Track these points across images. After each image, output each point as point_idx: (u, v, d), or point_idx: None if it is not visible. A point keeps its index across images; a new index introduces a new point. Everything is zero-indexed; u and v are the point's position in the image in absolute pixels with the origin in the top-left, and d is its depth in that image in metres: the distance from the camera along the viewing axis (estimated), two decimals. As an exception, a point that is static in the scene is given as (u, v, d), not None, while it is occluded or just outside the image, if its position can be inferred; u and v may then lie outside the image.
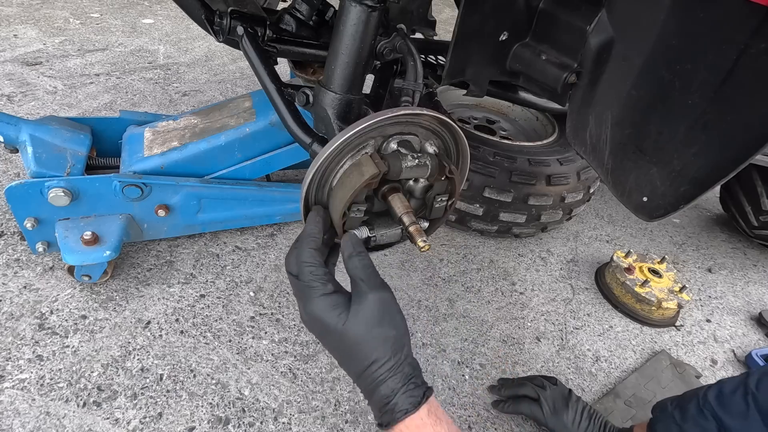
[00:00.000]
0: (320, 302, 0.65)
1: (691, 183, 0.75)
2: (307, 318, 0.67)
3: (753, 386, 0.83)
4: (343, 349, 0.66)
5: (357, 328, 0.64)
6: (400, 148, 0.78)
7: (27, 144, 1.11)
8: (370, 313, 0.65)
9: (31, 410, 0.93)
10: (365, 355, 0.64)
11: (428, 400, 0.65)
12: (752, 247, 1.97)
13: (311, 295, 0.66)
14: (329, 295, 0.66)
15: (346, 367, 0.68)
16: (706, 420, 0.86)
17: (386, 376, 0.64)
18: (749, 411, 0.81)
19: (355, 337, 0.64)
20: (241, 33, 1.04)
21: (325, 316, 0.65)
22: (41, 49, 2.30)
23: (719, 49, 0.65)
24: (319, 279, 0.67)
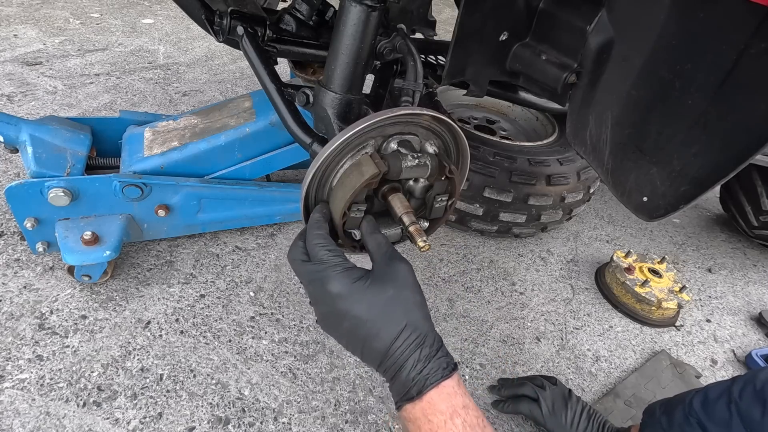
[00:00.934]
0: (344, 275, 0.63)
1: (691, 183, 0.75)
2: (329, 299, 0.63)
3: (736, 395, 0.82)
4: (372, 320, 0.62)
5: (385, 292, 0.63)
6: (400, 148, 0.78)
7: (27, 144, 1.11)
8: (396, 278, 0.64)
9: (31, 410, 0.93)
10: (397, 320, 0.62)
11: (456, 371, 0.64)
12: (752, 247, 1.97)
13: (332, 272, 0.63)
14: (351, 269, 0.64)
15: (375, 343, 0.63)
16: (691, 427, 0.86)
17: (419, 342, 0.62)
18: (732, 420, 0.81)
19: (384, 302, 0.62)
20: (241, 33, 1.04)
21: (351, 287, 0.62)
22: (41, 49, 2.30)
23: (719, 49, 0.65)
24: (336, 255, 0.65)
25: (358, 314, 0.62)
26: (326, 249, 0.66)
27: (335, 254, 0.66)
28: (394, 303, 0.63)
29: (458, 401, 0.61)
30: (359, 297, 0.62)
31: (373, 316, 0.62)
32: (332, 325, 0.66)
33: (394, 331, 0.62)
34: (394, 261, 0.66)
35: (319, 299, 0.65)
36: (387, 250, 0.68)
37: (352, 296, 0.62)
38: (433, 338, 0.64)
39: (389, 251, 0.68)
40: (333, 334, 0.68)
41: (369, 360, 0.65)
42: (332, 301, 0.63)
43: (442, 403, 0.60)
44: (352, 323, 0.63)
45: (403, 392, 0.62)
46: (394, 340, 0.62)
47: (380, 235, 0.71)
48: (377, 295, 0.62)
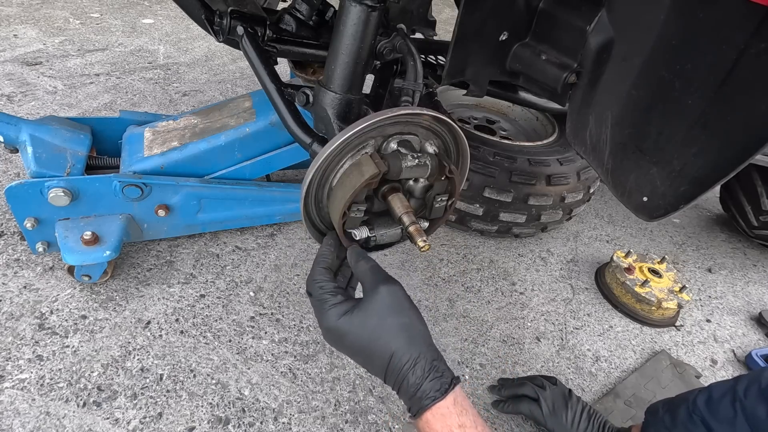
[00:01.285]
0: (331, 312, 0.68)
1: (691, 183, 0.75)
2: (324, 332, 0.70)
3: (741, 393, 0.82)
4: (362, 349, 0.67)
5: (369, 323, 0.66)
6: (400, 148, 0.78)
7: (27, 144, 1.11)
8: (379, 306, 0.67)
9: (31, 410, 0.93)
10: (384, 349, 0.65)
11: (454, 389, 0.66)
12: (752, 247, 1.97)
13: (323, 309, 0.68)
14: (339, 304, 0.68)
15: (371, 369, 0.69)
16: (695, 425, 0.86)
17: (409, 366, 0.65)
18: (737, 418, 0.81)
19: (369, 333, 0.66)
20: (241, 33, 1.04)
21: (337, 323, 0.67)
22: (41, 49, 2.30)
23: (719, 49, 0.65)
24: (328, 292, 0.70)
25: (349, 345, 0.68)
26: (319, 285, 0.71)
27: (326, 290, 0.70)
28: (378, 332, 0.66)
29: (453, 421, 0.63)
30: (346, 330, 0.67)
31: (362, 346, 0.67)
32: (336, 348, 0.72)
33: (384, 359, 0.66)
34: (377, 288, 0.68)
35: (320, 327, 0.71)
36: (372, 277, 0.70)
37: (339, 330, 0.67)
38: (425, 358, 0.66)
39: (374, 278, 0.70)
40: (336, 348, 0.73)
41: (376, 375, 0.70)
42: (326, 332, 0.69)
43: (436, 424, 0.63)
44: (349, 351, 0.69)
45: (408, 410, 0.67)
46: (385, 367, 0.66)
47: (364, 261, 0.73)
48: (362, 327, 0.66)
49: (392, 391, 0.67)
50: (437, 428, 0.63)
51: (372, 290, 0.68)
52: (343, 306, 0.68)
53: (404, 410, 1.07)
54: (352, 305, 0.68)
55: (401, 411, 1.07)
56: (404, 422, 1.04)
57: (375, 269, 0.71)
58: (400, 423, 1.04)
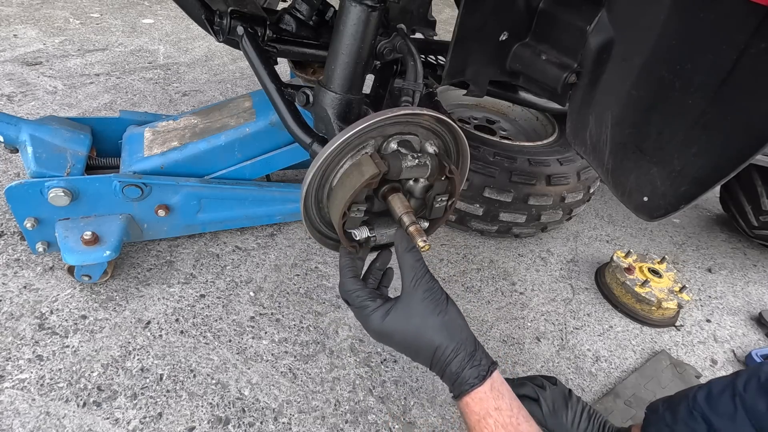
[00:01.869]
0: (375, 316, 0.73)
1: (691, 183, 0.75)
2: (372, 334, 0.76)
3: (741, 387, 0.82)
4: (410, 345, 0.73)
5: (413, 321, 0.72)
6: (400, 148, 0.78)
7: (27, 144, 1.11)
8: (421, 305, 0.73)
9: (31, 410, 0.93)
10: (429, 344, 0.72)
11: (492, 375, 0.72)
12: (752, 247, 1.97)
13: (366, 314, 0.74)
14: (380, 308, 0.74)
15: (419, 360, 0.75)
16: (695, 422, 0.86)
17: (452, 356, 0.72)
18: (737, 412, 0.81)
19: (414, 330, 0.72)
20: (241, 33, 1.04)
21: (383, 325, 0.73)
22: (41, 49, 2.30)
23: (719, 49, 0.65)
24: (366, 299, 0.75)
25: (398, 342, 0.74)
26: (355, 294, 0.76)
27: (364, 298, 0.76)
28: (422, 330, 0.72)
29: (490, 404, 0.70)
30: (392, 330, 0.73)
31: (408, 343, 0.73)
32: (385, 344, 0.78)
33: (429, 351, 0.73)
34: (418, 286, 0.74)
35: (367, 331, 0.77)
36: (413, 273, 0.75)
37: (387, 331, 0.73)
38: (465, 350, 0.73)
39: (415, 275, 0.74)
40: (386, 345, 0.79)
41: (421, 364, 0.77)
42: (375, 334, 0.76)
43: (475, 406, 0.71)
44: (397, 346, 0.76)
45: (451, 391, 0.74)
46: (431, 357, 0.73)
47: (412, 255, 0.76)
48: (407, 327, 0.73)
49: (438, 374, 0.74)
50: (476, 410, 0.70)
51: (412, 288, 0.73)
52: (384, 308, 0.74)
53: (404, 410, 1.07)
54: (392, 305, 0.74)
55: (401, 411, 1.07)
56: (404, 422, 1.04)
57: (418, 265, 0.75)
58: (400, 423, 1.04)
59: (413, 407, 1.08)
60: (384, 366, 1.15)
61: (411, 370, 1.15)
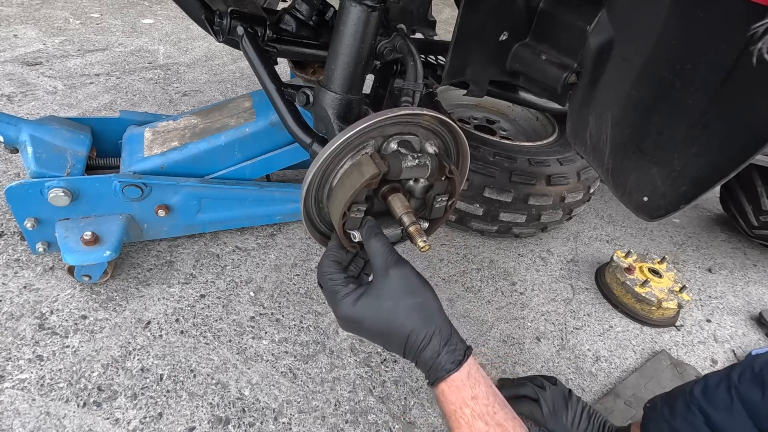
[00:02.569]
0: (345, 301, 0.70)
1: (691, 183, 0.75)
2: (341, 321, 0.72)
3: (736, 379, 0.83)
4: (380, 331, 0.70)
5: (383, 306, 0.69)
6: (401, 148, 0.78)
7: (27, 144, 1.11)
8: (391, 289, 0.69)
9: (32, 410, 0.93)
10: (401, 328, 0.69)
11: (468, 360, 0.69)
12: (752, 247, 1.97)
13: (337, 299, 0.71)
14: (351, 293, 0.70)
15: (391, 347, 0.72)
16: (693, 415, 0.86)
17: (426, 342, 0.68)
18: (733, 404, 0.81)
19: (385, 316, 0.69)
20: (241, 33, 1.04)
21: (353, 310, 0.69)
22: (41, 49, 2.30)
23: (719, 49, 0.65)
24: (339, 283, 0.72)
25: (368, 330, 0.70)
26: (329, 277, 0.73)
27: (336, 282, 0.72)
28: (393, 314, 0.69)
29: (467, 393, 0.67)
30: (363, 315, 0.69)
31: (380, 330, 0.70)
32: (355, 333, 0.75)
33: (401, 337, 0.69)
34: (389, 270, 0.70)
35: (336, 317, 0.73)
36: (383, 258, 0.72)
37: (357, 316, 0.69)
38: (440, 333, 0.69)
39: (385, 259, 0.72)
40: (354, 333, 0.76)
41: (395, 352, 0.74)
42: (344, 321, 0.72)
43: (452, 395, 0.68)
44: (367, 335, 0.72)
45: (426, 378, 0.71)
46: (403, 344, 0.69)
47: (377, 240, 0.74)
48: (378, 310, 0.69)
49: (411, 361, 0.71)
50: (452, 399, 0.67)
51: (383, 273, 0.70)
52: (355, 293, 0.70)
53: (404, 410, 1.07)
54: (363, 291, 0.70)
55: (401, 411, 1.07)
56: (404, 422, 1.04)
57: (386, 250, 0.72)
58: (400, 423, 1.04)
59: (413, 407, 1.08)
60: (384, 366, 1.15)
61: (411, 370, 1.15)
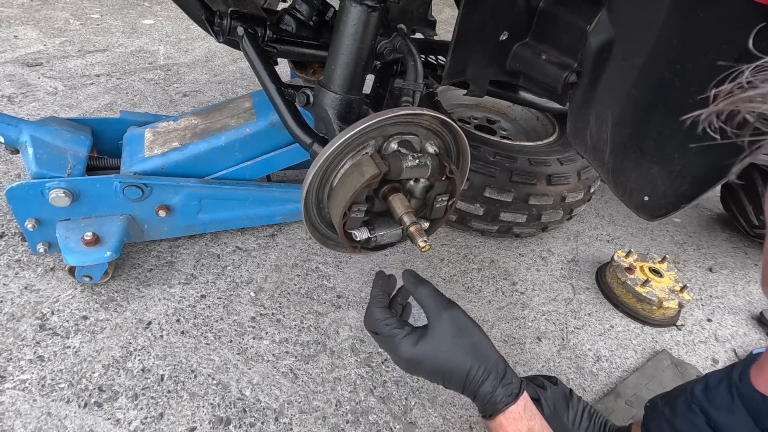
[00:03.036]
0: (404, 343, 0.73)
1: (692, 182, 0.75)
2: (402, 363, 0.75)
3: (736, 378, 0.83)
4: (441, 371, 0.73)
5: (442, 347, 0.73)
6: (401, 148, 0.78)
7: (28, 145, 1.11)
8: (447, 331, 0.74)
9: (33, 411, 0.93)
10: (461, 366, 0.72)
11: (523, 394, 0.73)
12: (753, 247, 1.96)
13: (395, 342, 0.74)
14: (409, 336, 0.74)
15: (450, 385, 0.75)
16: (694, 414, 0.86)
17: (484, 377, 0.72)
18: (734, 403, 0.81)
19: (444, 356, 0.73)
20: (241, 33, 1.04)
21: (413, 352, 0.73)
22: (42, 50, 2.31)
23: (719, 49, 0.65)
24: (395, 327, 0.75)
25: (429, 369, 0.74)
26: (384, 323, 0.76)
27: (393, 325, 0.76)
28: (452, 353, 0.73)
29: (523, 425, 0.71)
30: (423, 357, 0.73)
31: (440, 368, 0.73)
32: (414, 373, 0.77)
33: (461, 374, 0.73)
34: (443, 312, 0.75)
35: (395, 360, 0.76)
36: (435, 303, 0.76)
37: (417, 357, 0.73)
38: (496, 369, 0.74)
39: (437, 303, 0.76)
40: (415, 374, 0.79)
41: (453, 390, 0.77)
42: (405, 363, 0.75)
43: (509, 426, 0.71)
44: (427, 374, 0.75)
45: (481, 412, 0.74)
46: (463, 380, 0.73)
47: (424, 287, 0.78)
48: (437, 351, 0.73)
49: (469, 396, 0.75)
50: (509, 430, 0.71)
51: (437, 316, 0.74)
52: (413, 336, 0.74)
53: (405, 411, 1.07)
54: (420, 334, 0.74)
55: (402, 411, 1.07)
56: (405, 423, 1.04)
57: (435, 294, 0.77)
58: (401, 423, 1.04)
59: (414, 407, 1.08)
60: (385, 366, 1.15)
61: (412, 370, 1.16)
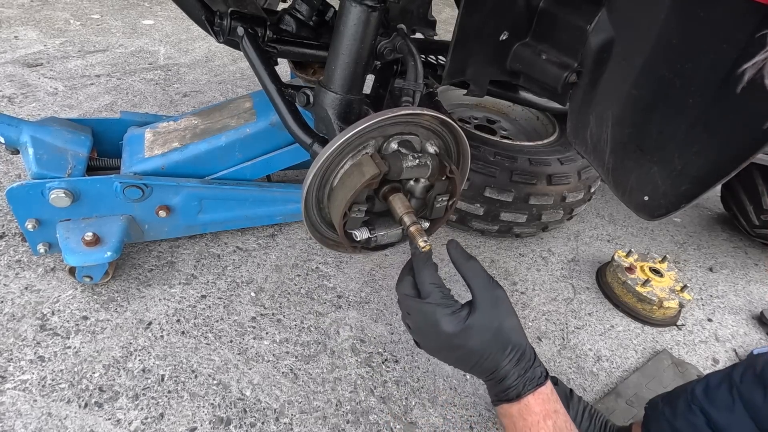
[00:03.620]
0: (454, 317, 0.71)
1: (692, 182, 0.75)
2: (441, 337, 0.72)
3: (737, 379, 0.83)
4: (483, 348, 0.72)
5: (491, 325, 0.72)
6: (401, 148, 0.78)
7: (28, 145, 1.11)
8: (497, 309, 0.73)
9: (33, 411, 0.93)
10: (504, 345, 0.73)
11: (548, 379, 0.75)
12: (753, 246, 1.96)
13: (443, 314, 0.72)
14: (461, 309, 0.73)
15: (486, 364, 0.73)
16: (695, 415, 0.86)
17: (519, 357, 0.74)
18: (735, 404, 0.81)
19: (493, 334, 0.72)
20: (241, 34, 1.04)
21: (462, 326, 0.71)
22: (42, 50, 2.31)
23: (719, 49, 0.65)
24: (447, 297, 0.74)
25: (471, 347, 0.72)
26: (439, 289, 0.74)
27: (446, 295, 0.74)
28: (500, 333, 0.73)
29: (551, 406, 0.72)
30: (471, 333, 0.71)
31: (485, 346, 0.72)
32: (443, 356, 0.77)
33: (502, 355, 0.73)
34: (492, 290, 0.74)
35: (430, 335, 0.74)
36: (485, 280, 0.75)
37: (465, 333, 0.71)
38: (529, 351, 0.75)
39: (486, 281, 0.75)
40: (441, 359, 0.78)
41: (476, 374, 0.77)
42: (446, 338, 0.72)
43: (537, 407, 0.72)
44: (465, 352, 0.73)
45: (503, 395, 0.74)
46: (501, 361, 0.73)
47: (475, 262, 0.77)
48: (486, 328, 0.72)
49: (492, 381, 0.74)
50: (536, 410, 0.72)
51: (486, 294, 0.74)
52: (464, 310, 0.72)
53: (405, 411, 1.07)
54: (469, 308, 0.73)
55: (402, 411, 1.07)
56: (405, 423, 1.04)
57: (484, 272, 0.76)
58: (401, 423, 1.04)
59: (414, 407, 1.08)
60: (385, 366, 1.15)
61: (412, 371, 1.16)
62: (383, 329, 1.24)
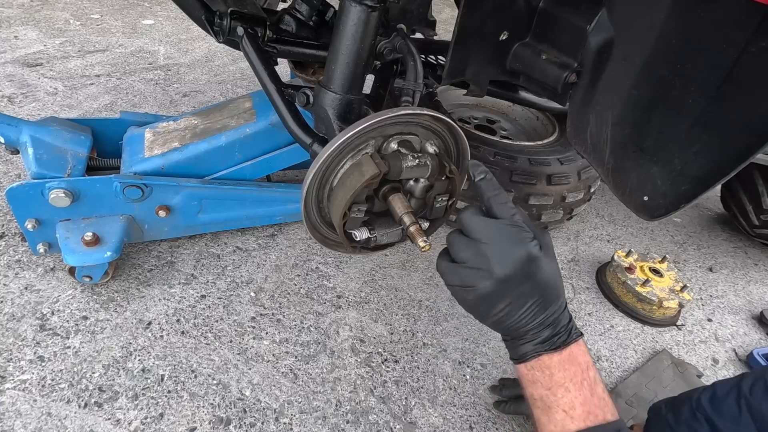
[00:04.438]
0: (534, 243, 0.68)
1: (691, 182, 0.75)
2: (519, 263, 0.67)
3: (746, 390, 0.82)
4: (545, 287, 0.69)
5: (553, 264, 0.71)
6: (401, 148, 0.78)
7: (28, 145, 1.11)
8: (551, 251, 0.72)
9: (33, 411, 0.93)
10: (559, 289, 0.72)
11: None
12: (753, 246, 1.96)
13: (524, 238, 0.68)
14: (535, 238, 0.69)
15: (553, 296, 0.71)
16: (699, 423, 0.85)
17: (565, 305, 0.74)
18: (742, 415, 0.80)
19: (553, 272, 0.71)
20: (241, 33, 1.04)
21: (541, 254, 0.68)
22: (42, 50, 2.31)
23: (719, 49, 0.65)
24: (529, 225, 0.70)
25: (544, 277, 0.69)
26: (520, 213, 0.71)
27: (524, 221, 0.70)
28: (556, 274, 0.72)
29: (590, 358, 0.73)
30: (546, 261, 0.69)
31: (555, 279, 0.71)
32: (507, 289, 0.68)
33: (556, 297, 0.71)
34: (543, 235, 0.72)
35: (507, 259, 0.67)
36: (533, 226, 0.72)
37: (543, 260, 0.68)
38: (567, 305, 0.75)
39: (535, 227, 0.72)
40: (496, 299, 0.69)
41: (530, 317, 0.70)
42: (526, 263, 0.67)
43: (580, 357, 0.72)
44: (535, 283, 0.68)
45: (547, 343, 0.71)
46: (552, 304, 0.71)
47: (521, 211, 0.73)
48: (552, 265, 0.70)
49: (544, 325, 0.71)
50: (580, 360, 0.71)
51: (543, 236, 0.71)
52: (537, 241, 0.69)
53: (405, 411, 1.07)
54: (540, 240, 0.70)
55: (402, 411, 1.07)
56: (405, 422, 1.04)
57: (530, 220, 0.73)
58: (401, 423, 1.04)
59: (414, 407, 1.08)
60: (385, 366, 1.15)
61: (412, 371, 1.16)
62: (383, 329, 1.24)
